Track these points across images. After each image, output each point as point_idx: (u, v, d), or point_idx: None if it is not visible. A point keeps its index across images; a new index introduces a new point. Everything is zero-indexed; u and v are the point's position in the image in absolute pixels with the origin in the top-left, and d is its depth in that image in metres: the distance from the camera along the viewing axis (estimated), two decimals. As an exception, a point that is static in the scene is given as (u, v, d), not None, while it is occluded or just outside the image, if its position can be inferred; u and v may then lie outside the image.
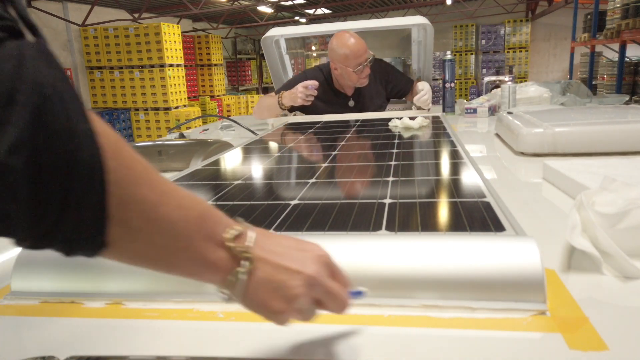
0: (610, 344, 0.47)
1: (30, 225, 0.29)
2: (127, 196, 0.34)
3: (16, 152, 0.26)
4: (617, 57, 5.44)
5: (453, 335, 0.51)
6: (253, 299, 0.43)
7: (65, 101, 0.29)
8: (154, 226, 0.36)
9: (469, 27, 10.32)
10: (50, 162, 0.28)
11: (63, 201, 0.30)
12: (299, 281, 0.43)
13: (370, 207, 0.80)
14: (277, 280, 0.43)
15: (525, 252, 0.56)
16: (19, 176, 0.27)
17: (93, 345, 0.53)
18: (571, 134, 1.30)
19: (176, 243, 0.38)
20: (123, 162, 0.34)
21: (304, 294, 0.43)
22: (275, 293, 0.43)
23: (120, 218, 0.34)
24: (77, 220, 0.31)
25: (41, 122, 0.28)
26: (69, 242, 0.32)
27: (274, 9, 9.36)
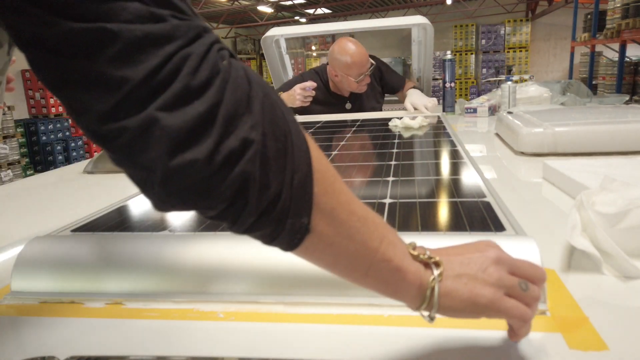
0: (610, 344, 0.47)
1: (258, 199, 0.35)
2: (327, 185, 0.39)
3: (254, 130, 0.34)
4: (617, 57, 5.44)
5: (453, 335, 0.51)
6: (455, 301, 0.42)
7: (275, 97, 0.38)
8: (345, 224, 0.39)
9: (469, 27, 10.32)
10: (274, 141, 0.36)
11: (282, 176, 0.36)
12: (487, 261, 0.43)
13: (370, 207, 0.80)
14: (467, 271, 0.42)
15: (525, 251, 0.56)
16: (257, 148, 0.34)
17: (93, 345, 0.53)
18: (571, 134, 1.30)
19: (370, 243, 0.40)
20: (318, 153, 0.39)
21: (498, 271, 0.43)
22: (472, 283, 0.42)
23: (322, 204, 0.38)
24: (290, 196, 0.36)
25: (265, 111, 0.36)
26: (280, 222, 0.37)
27: (274, 8, 9.37)
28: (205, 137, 0.33)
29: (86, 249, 0.66)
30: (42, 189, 1.38)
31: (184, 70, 0.32)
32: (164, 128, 0.32)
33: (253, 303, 0.59)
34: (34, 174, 5.57)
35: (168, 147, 0.32)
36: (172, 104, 0.32)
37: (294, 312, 0.57)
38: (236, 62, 0.37)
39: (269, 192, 0.35)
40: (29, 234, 0.70)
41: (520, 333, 0.45)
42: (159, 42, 0.32)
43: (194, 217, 0.81)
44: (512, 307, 0.42)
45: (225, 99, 0.34)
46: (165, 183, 0.33)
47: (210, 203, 0.35)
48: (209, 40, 0.35)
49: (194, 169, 0.33)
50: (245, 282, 0.60)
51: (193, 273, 0.62)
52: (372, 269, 0.41)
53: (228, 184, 0.34)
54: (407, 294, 0.42)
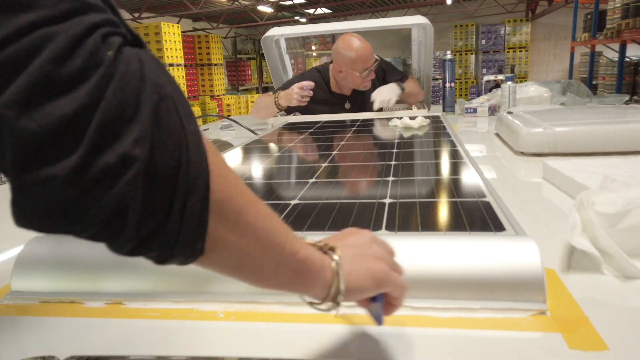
0: (610, 344, 0.47)
1: (139, 222, 0.29)
2: (226, 194, 0.34)
3: (140, 145, 0.28)
4: (617, 57, 5.44)
5: (453, 335, 0.51)
6: (357, 279, 0.43)
7: (177, 102, 0.31)
8: (251, 225, 0.36)
9: (469, 27, 10.31)
10: (163, 158, 0.29)
11: (171, 199, 0.30)
12: (368, 241, 0.47)
13: (370, 207, 0.80)
14: (357, 251, 0.45)
15: (525, 252, 0.56)
16: (140, 168, 0.28)
17: (93, 345, 0.53)
18: (571, 134, 1.30)
19: (278, 239, 0.38)
20: (220, 166, 0.34)
21: (379, 248, 0.47)
22: (366, 260, 0.44)
23: (220, 215, 0.33)
24: (180, 220, 0.31)
25: (158, 120, 0.29)
26: (168, 247, 0.32)
27: (274, 8, 9.36)
28: (70, 148, 0.26)
29: (86, 249, 0.66)
30: (42, 188, 1.37)
31: (46, 52, 0.25)
32: (13, 132, 0.25)
33: (253, 303, 0.59)
34: (34, 174, 5.56)
35: (18, 158, 0.26)
36: (27, 99, 0.25)
37: (293, 312, 0.57)
38: (131, 52, 0.29)
39: (152, 218, 0.30)
40: (29, 234, 0.70)
41: (398, 303, 0.47)
42: (11, 9, 0.25)
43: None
44: (397, 277, 0.46)
45: (105, 101, 0.27)
46: (18, 200, 0.27)
47: (76, 228, 0.29)
48: (90, 20, 0.27)
49: (53, 188, 0.26)
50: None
51: (193, 273, 0.62)
52: (281, 265, 0.39)
53: (99, 208, 0.28)
54: (315, 283, 0.41)
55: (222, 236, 0.34)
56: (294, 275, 0.40)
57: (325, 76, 2.33)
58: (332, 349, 0.50)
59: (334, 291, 0.42)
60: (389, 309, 0.47)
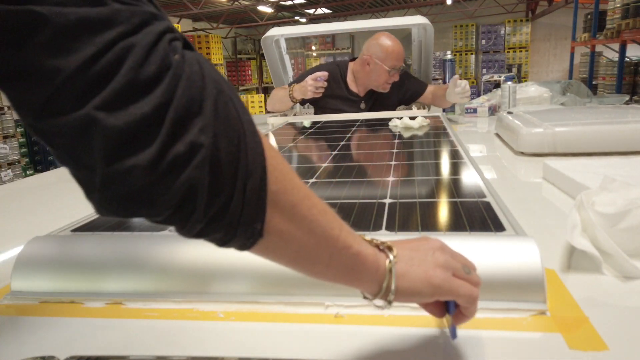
0: (610, 344, 0.47)
1: (207, 206, 0.33)
2: (286, 182, 0.37)
3: (204, 133, 0.31)
4: (617, 57, 5.44)
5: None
6: (412, 281, 0.43)
7: (231, 95, 0.35)
8: (306, 218, 0.38)
9: (469, 27, 10.31)
10: (225, 144, 0.33)
11: (233, 182, 0.33)
12: (433, 248, 0.46)
13: (370, 207, 0.80)
14: (417, 255, 0.45)
15: (525, 252, 0.56)
16: (206, 153, 0.31)
17: (93, 345, 0.53)
18: (571, 134, 1.30)
19: (331, 232, 0.40)
20: (276, 160, 0.37)
21: (444, 255, 0.45)
22: (424, 264, 0.44)
23: (276, 206, 0.36)
24: (242, 202, 0.34)
25: (218, 111, 0.33)
26: (232, 227, 0.35)
27: (274, 8, 9.37)
28: (149, 141, 0.30)
29: (86, 249, 0.66)
30: (42, 189, 1.38)
31: (127, 62, 0.29)
32: (103, 130, 0.29)
33: (253, 303, 0.59)
34: (34, 174, 5.58)
35: (107, 151, 0.29)
36: (113, 102, 0.29)
37: (293, 312, 0.57)
38: (190, 54, 0.33)
39: (218, 199, 0.33)
40: (29, 234, 0.70)
41: (468, 314, 0.46)
42: (96, 28, 0.28)
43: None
44: (462, 286, 0.45)
45: (176, 99, 0.30)
46: (104, 189, 0.31)
47: (153, 211, 0.32)
48: (157, 29, 0.31)
49: (135, 176, 0.30)
50: (245, 282, 0.60)
51: (193, 273, 0.62)
52: (334, 258, 0.40)
53: (173, 192, 0.31)
54: (367, 278, 0.42)
55: (278, 226, 0.37)
56: (347, 269, 0.41)
57: (344, 72, 2.28)
58: (332, 349, 0.50)
59: (385, 289, 0.43)
60: (458, 319, 0.47)
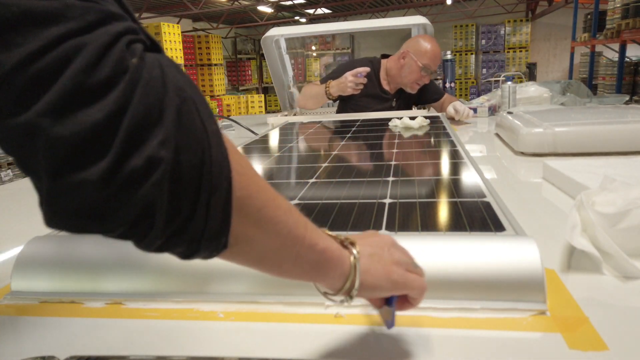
0: (610, 344, 0.47)
1: (166, 221, 0.31)
2: (247, 192, 0.35)
3: (164, 147, 0.29)
4: (617, 57, 5.44)
5: (453, 335, 0.51)
6: (374, 277, 0.44)
7: (197, 104, 0.32)
8: (272, 220, 0.37)
9: (469, 27, 10.31)
10: (188, 159, 0.31)
11: (196, 197, 0.31)
12: (387, 244, 0.47)
13: (370, 207, 0.80)
14: (376, 252, 0.46)
15: (525, 252, 0.56)
16: (166, 169, 0.29)
17: (93, 345, 0.53)
18: (571, 134, 1.30)
19: (297, 232, 0.39)
20: (240, 164, 0.35)
21: (397, 252, 0.47)
22: (383, 261, 0.45)
23: (241, 212, 0.35)
24: (205, 217, 0.32)
25: (181, 122, 0.30)
26: (194, 243, 0.33)
27: (274, 8, 9.37)
28: (101, 153, 0.27)
29: (86, 249, 0.66)
30: (42, 189, 1.37)
31: (76, 63, 0.27)
32: (47, 139, 0.26)
33: (253, 303, 0.59)
34: (34, 174, 5.56)
35: (52, 164, 0.27)
36: (59, 108, 0.26)
37: (293, 312, 0.57)
38: (152, 57, 0.31)
39: (179, 216, 0.31)
40: (29, 234, 0.70)
41: (416, 303, 0.48)
42: (42, 22, 0.26)
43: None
44: (415, 279, 0.47)
45: (132, 106, 0.28)
46: (50, 202, 0.29)
47: (105, 227, 0.30)
48: (114, 29, 0.29)
49: (84, 192, 0.28)
50: (245, 282, 0.60)
51: (193, 273, 0.62)
52: (300, 256, 0.40)
53: (128, 209, 0.29)
54: (332, 274, 0.43)
55: (244, 231, 0.35)
56: (313, 266, 0.41)
57: (377, 69, 2.26)
58: (332, 349, 0.50)
59: (349, 285, 0.43)
60: (404, 306, 0.48)
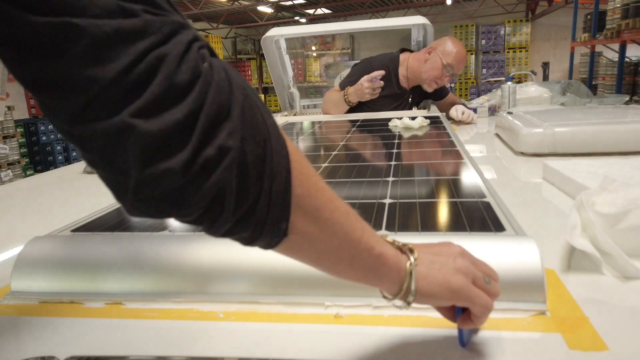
0: (610, 344, 0.47)
1: (235, 206, 0.34)
2: (310, 185, 0.38)
3: (232, 137, 0.33)
4: (617, 57, 5.45)
5: (453, 336, 0.51)
6: (431, 284, 0.44)
7: (256, 101, 0.36)
8: (329, 220, 0.40)
9: (469, 27, 10.31)
10: (251, 148, 0.34)
11: (259, 183, 0.35)
12: (454, 253, 0.46)
13: (370, 207, 0.80)
14: (439, 259, 0.46)
15: (525, 252, 0.56)
16: (234, 156, 0.33)
17: (93, 345, 0.53)
18: (571, 134, 1.30)
19: (353, 235, 0.41)
20: (301, 164, 0.38)
21: (466, 262, 0.46)
22: (445, 269, 0.45)
23: (300, 209, 0.37)
24: (268, 203, 0.36)
25: (245, 116, 0.34)
26: (259, 226, 0.36)
27: (274, 9, 9.37)
28: (182, 145, 0.31)
29: (86, 249, 0.66)
30: (42, 189, 1.38)
31: (161, 72, 0.31)
32: (139, 135, 0.30)
33: (253, 303, 0.59)
34: (34, 174, 5.57)
35: (142, 156, 0.31)
36: (149, 110, 0.30)
37: (293, 312, 0.57)
38: (217, 61, 0.35)
39: (246, 200, 0.35)
40: (29, 234, 0.70)
41: (478, 322, 0.47)
42: (129, 39, 0.30)
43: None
44: (479, 295, 0.45)
45: (206, 105, 0.32)
46: (138, 191, 0.32)
47: (184, 211, 0.34)
48: (186, 38, 0.33)
49: (168, 179, 0.32)
50: (245, 282, 0.60)
51: (193, 273, 0.62)
52: (355, 259, 0.42)
53: (203, 193, 0.33)
54: (387, 279, 0.44)
55: (303, 227, 0.38)
56: (368, 269, 0.43)
57: (395, 68, 2.22)
58: (332, 349, 0.50)
59: (405, 290, 0.44)
60: (466, 322, 0.47)
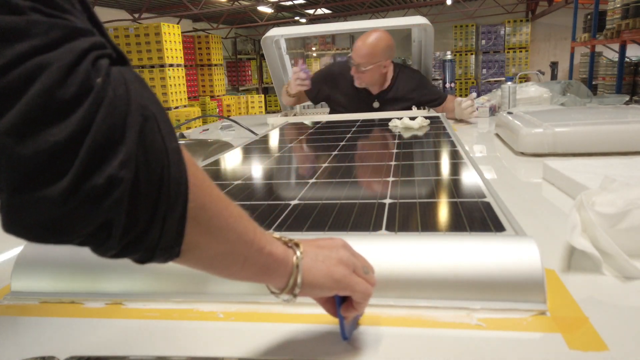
0: (610, 344, 0.47)
1: (123, 233, 0.31)
2: (200, 202, 0.36)
3: (125, 167, 0.30)
4: (617, 57, 5.44)
5: (453, 335, 0.51)
6: (315, 275, 0.46)
7: (159, 121, 0.33)
8: (223, 228, 0.39)
9: (469, 27, 10.31)
10: (147, 177, 0.31)
11: (153, 212, 0.32)
12: (337, 246, 0.49)
13: (370, 207, 0.80)
14: (322, 252, 0.47)
15: (525, 252, 0.56)
16: (126, 188, 0.30)
17: (93, 345, 0.53)
18: (571, 134, 1.30)
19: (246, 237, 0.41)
20: (195, 176, 0.36)
21: (347, 253, 0.49)
22: (328, 261, 0.47)
23: (194, 221, 0.36)
24: (160, 230, 0.33)
25: (143, 141, 0.31)
26: (149, 252, 0.34)
27: (274, 9, 9.37)
28: (61, 172, 0.27)
29: (86, 249, 0.66)
30: (42, 189, 1.37)
31: (40, 81, 0.26)
32: (9, 159, 0.26)
33: (253, 303, 0.59)
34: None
35: (12, 181, 0.27)
36: (22, 127, 0.26)
37: (294, 312, 0.57)
38: (117, 74, 0.30)
39: (135, 228, 0.32)
40: (29, 234, 0.70)
41: (359, 308, 0.49)
42: (5, 39, 0.26)
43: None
44: (359, 283, 0.48)
45: (95, 126, 0.28)
46: (9, 216, 0.29)
47: (63, 240, 0.31)
48: (81, 46, 0.28)
49: (44, 208, 0.28)
50: (245, 282, 0.60)
51: (193, 273, 0.61)
52: (248, 260, 0.42)
53: (85, 224, 0.30)
54: (277, 274, 0.45)
55: (196, 239, 0.37)
56: (260, 268, 0.43)
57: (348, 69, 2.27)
58: (332, 349, 0.50)
59: (292, 283, 0.45)
60: (349, 310, 0.49)
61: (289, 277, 0.45)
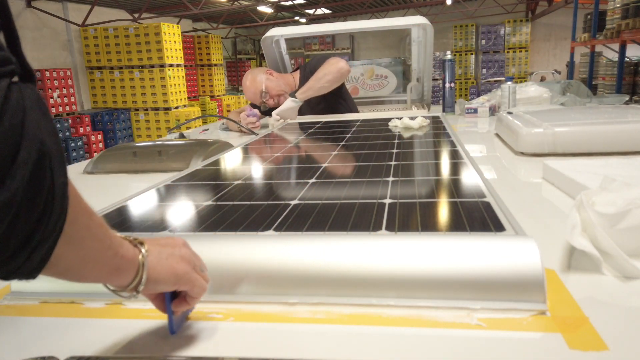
0: (610, 344, 0.47)
1: None
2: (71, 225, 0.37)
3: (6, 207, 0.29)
4: (617, 57, 5.45)
5: (453, 335, 0.51)
6: (160, 272, 0.48)
7: (52, 158, 0.32)
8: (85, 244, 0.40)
9: (469, 27, 10.32)
10: (27, 215, 0.31)
11: (24, 243, 0.32)
12: (179, 244, 0.52)
13: (370, 207, 0.80)
14: (166, 250, 0.50)
15: (525, 252, 0.56)
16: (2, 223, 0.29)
17: (93, 345, 0.53)
18: (571, 134, 1.30)
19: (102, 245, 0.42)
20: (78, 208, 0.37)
21: (188, 252, 0.52)
22: (171, 258, 0.50)
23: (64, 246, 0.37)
24: (27, 257, 0.33)
25: (32, 180, 0.30)
26: (9, 275, 0.35)
27: (274, 9, 9.37)
28: None
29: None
30: (42, 189, 1.37)
31: None
32: None
33: (253, 303, 0.59)
34: (34, 174, 5.55)
35: None
36: None
37: (293, 312, 0.57)
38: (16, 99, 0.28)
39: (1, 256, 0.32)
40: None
41: (193, 303, 0.53)
42: None
43: (194, 217, 0.81)
44: (198, 279, 0.52)
45: None
46: None
47: None
48: None
49: None
50: (245, 282, 0.60)
51: (193, 273, 0.62)
52: (100, 263, 0.43)
53: None
54: (126, 273, 0.46)
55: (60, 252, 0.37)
56: (112, 269, 0.45)
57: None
58: (331, 349, 0.50)
59: (137, 281, 0.47)
60: (182, 305, 0.52)
61: (135, 275, 0.47)
